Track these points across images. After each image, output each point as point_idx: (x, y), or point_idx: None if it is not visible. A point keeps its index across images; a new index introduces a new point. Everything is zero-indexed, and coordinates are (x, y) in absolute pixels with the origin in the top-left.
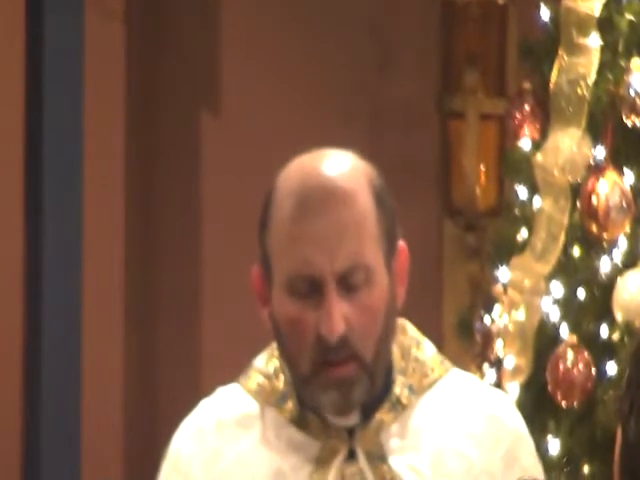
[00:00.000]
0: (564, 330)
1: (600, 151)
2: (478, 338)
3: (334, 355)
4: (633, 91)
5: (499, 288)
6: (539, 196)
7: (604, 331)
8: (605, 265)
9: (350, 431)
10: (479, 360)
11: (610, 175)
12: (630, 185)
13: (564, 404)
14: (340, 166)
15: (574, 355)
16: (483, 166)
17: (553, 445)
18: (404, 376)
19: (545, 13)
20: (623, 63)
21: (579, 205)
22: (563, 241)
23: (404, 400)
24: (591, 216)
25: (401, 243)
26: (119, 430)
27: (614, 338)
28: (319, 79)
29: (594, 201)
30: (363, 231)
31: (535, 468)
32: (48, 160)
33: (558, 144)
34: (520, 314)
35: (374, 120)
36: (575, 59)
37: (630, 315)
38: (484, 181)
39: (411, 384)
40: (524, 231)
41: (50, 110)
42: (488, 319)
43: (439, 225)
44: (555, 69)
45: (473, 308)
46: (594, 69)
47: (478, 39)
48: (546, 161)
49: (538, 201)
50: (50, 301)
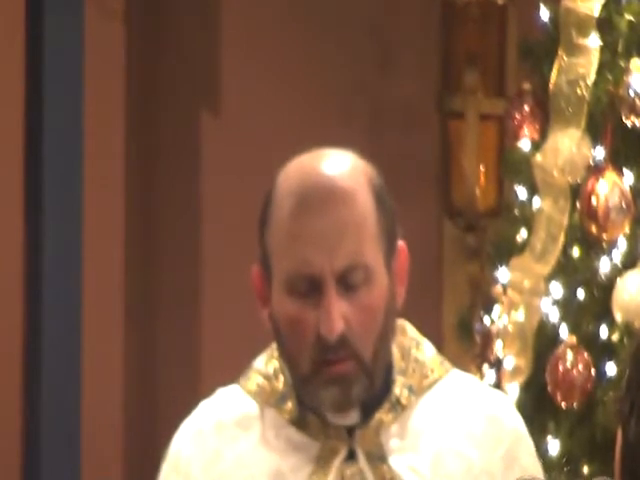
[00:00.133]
0: (564, 331)
1: (600, 152)
2: (478, 339)
3: (333, 354)
4: (633, 91)
5: (499, 289)
6: (539, 197)
7: (604, 332)
8: (605, 266)
9: (350, 431)
10: (479, 361)
11: (610, 176)
12: (630, 186)
13: (564, 405)
14: (340, 165)
15: (574, 356)
16: (483, 166)
17: (553, 446)
18: (404, 376)
19: (545, 13)
20: (623, 63)
21: (579, 206)
22: (563, 242)
23: (404, 400)
24: (591, 217)
25: (401, 243)
26: (119, 430)
27: (614, 339)
28: (319, 79)
29: (594, 202)
30: (363, 230)
31: (535, 468)
32: (48, 160)
33: (558, 144)
34: (520, 315)
35: (374, 120)
36: (575, 59)
37: (630, 316)
38: (484, 181)
39: (411, 385)
40: (524, 232)
41: (50, 110)
42: (488, 320)
43: (439, 225)
44: (555, 69)
45: (473, 308)
46: (594, 69)
47: (478, 39)
48: (546, 161)
49: (538, 202)
50: (50, 301)
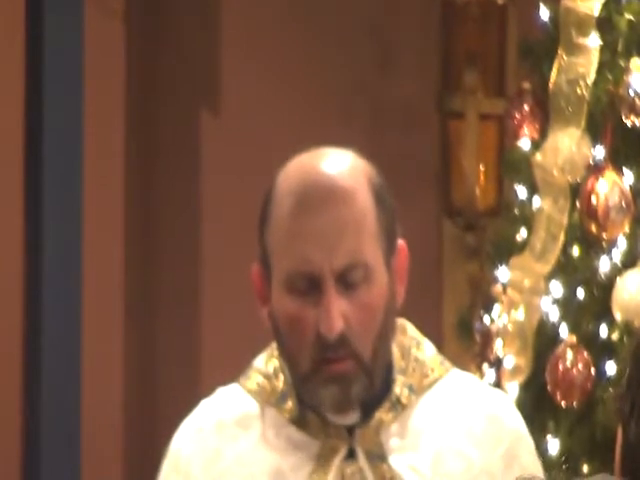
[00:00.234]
0: (563, 330)
1: (599, 151)
2: (478, 338)
3: (333, 353)
4: (632, 91)
5: (498, 288)
6: (538, 196)
7: (603, 331)
8: (604, 265)
9: (350, 430)
10: (479, 360)
11: (609, 175)
12: (629, 185)
13: (563, 404)
14: (340, 164)
15: (573, 355)
16: (483, 166)
17: (552, 445)
18: (404, 376)
19: (545, 13)
20: (622, 63)
21: (578, 205)
22: (562, 241)
23: (404, 400)
24: (590, 216)
25: (400, 242)
26: (119, 430)
27: (613, 338)
28: (319, 79)
29: (593, 201)
30: (362, 229)
31: (535, 467)
32: (48, 160)
33: (557, 144)
34: (520, 314)
35: (374, 120)
36: (574, 59)
37: (629, 315)
38: (484, 181)
39: (411, 384)
40: (523, 231)
41: (50, 110)
42: (488, 319)
43: (439, 225)
44: (554, 69)
45: (473, 308)
46: (593, 69)
47: (478, 39)
48: (545, 161)
49: (537, 201)
50: (50, 301)
